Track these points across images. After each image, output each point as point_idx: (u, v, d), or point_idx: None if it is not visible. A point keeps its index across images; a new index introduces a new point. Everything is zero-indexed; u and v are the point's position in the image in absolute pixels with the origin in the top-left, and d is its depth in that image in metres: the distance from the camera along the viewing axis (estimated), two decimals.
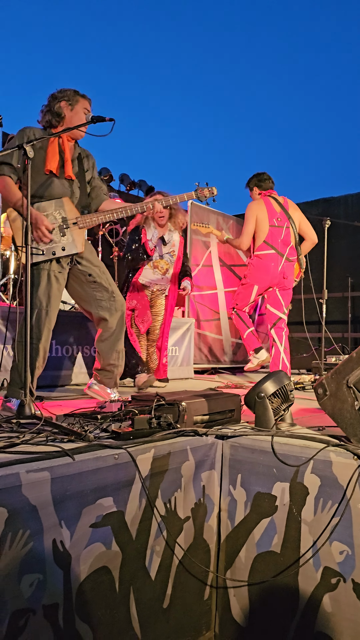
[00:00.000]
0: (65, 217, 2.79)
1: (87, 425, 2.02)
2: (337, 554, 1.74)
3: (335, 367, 1.99)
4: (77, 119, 2.82)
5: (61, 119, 2.83)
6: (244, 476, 2.01)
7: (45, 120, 2.84)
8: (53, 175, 2.79)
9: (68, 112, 2.82)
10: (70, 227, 2.80)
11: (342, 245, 7.88)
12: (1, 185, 2.67)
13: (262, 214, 4.39)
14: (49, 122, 2.84)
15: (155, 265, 4.21)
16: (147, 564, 1.81)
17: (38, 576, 1.46)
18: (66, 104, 2.82)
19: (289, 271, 4.44)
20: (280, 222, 4.42)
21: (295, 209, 4.58)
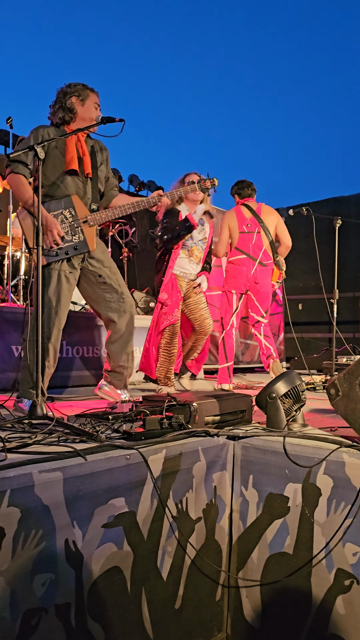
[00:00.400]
0: (75, 216, 2.79)
1: (98, 425, 2.02)
2: (351, 555, 1.73)
3: (348, 367, 1.97)
4: (88, 115, 2.82)
5: (74, 114, 2.82)
6: (255, 477, 2.01)
7: (58, 117, 2.83)
8: (72, 173, 2.80)
9: (80, 108, 2.82)
10: (81, 225, 2.80)
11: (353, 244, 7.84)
12: (15, 183, 2.68)
13: (233, 223, 4.58)
14: (62, 118, 2.82)
15: (191, 252, 4.00)
16: (159, 564, 1.81)
17: (50, 576, 1.47)
18: (77, 99, 2.82)
19: (262, 275, 4.50)
20: (251, 227, 4.55)
21: (269, 214, 4.71)
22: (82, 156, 2.85)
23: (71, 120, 2.83)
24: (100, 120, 2.47)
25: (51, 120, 2.87)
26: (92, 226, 2.83)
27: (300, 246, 7.87)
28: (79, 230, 2.80)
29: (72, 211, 2.79)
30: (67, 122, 2.83)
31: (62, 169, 2.78)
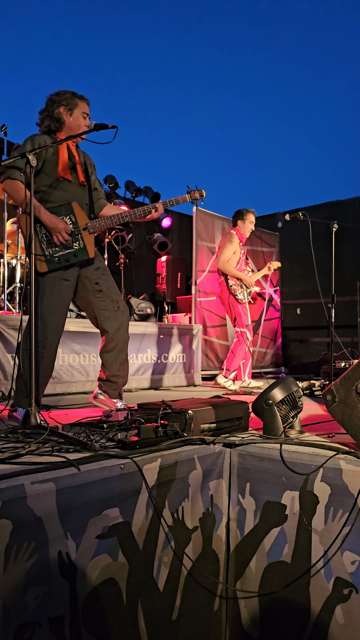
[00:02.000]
0: (75, 222, 2.79)
1: (93, 434, 2.00)
2: (349, 564, 1.70)
3: (344, 373, 1.96)
4: (76, 125, 2.83)
5: (61, 124, 2.83)
6: (252, 485, 1.98)
7: (45, 125, 2.85)
8: (66, 180, 2.80)
9: (67, 118, 2.83)
10: (81, 232, 2.80)
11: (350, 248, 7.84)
12: (11, 188, 2.67)
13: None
14: (49, 127, 2.84)
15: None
16: (155, 575, 1.78)
17: (44, 588, 1.44)
18: (65, 109, 2.82)
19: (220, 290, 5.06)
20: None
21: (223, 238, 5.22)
22: (75, 164, 2.85)
23: (57, 130, 2.84)
24: (93, 127, 2.46)
25: (39, 127, 2.87)
26: (92, 233, 2.84)
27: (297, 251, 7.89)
28: (79, 238, 2.80)
29: (73, 218, 2.79)
30: (54, 131, 2.84)
31: (57, 175, 2.78)
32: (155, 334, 5.20)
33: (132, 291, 7.55)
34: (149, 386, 5.06)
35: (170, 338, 5.37)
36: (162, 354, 5.25)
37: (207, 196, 3.17)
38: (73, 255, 2.77)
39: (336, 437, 2.17)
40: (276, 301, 7.69)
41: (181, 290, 7.90)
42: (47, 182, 2.76)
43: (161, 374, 5.22)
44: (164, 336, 5.30)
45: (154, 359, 5.16)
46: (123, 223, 3.03)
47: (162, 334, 5.27)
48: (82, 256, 2.80)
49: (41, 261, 2.70)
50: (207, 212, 6.63)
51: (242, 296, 4.89)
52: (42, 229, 2.71)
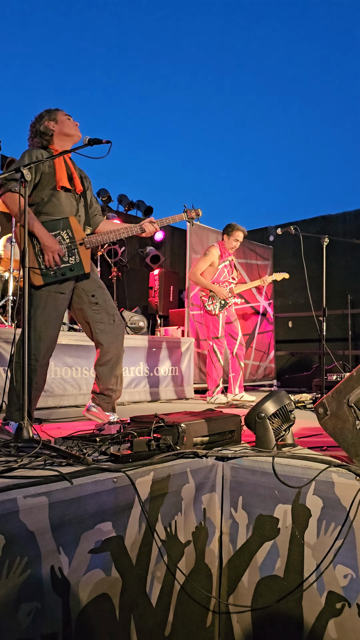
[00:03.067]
0: (72, 237, 2.81)
1: (85, 448, 2.00)
2: (342, 577, 1.70)
3: (336, 386, 1.97)
4: (66, 127, 2.90)
5: (51, 136, 2.89)
6: (245, 498, 1.98)
7: (35, 142, 2.91)
8: (64, 190, 2.83)
9: (54, 126, 2.90)
10: (77, 247, 2.82)
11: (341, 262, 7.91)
12: (10, 201, 2.69)
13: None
14: (40, 142, 2.90)
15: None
16: (148, 590, 1.77)
17: (36, 604, 1.43)
18: (48, 121, 2.90)
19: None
20: None
21: None
22: (72, 174, 2.89)
23: (50, 142, 2.89)
24: (87, 142, 2.49)
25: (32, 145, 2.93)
26: (88, 249, 2.86)
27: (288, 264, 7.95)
28: (76, 252, 2.81)
29: (70, 232, 2.81)
30: (45, 145, 2.88)
31: (54, 186, 2.81)
32: (147, 347, 5.21)
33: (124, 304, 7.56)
34: (142, 399, 5.05)
35: (162, 351, 5.38)
36: (154, 367, 5.26)
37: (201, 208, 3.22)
38: (69, 270, 2.79)
39: (328, 450, 2.18)
40: (270, 314, 7.73)
41: (173, 303, 7.92)
42: (44, 194, 2.78)
43: (154, 387, 5.22)
44: (156, 349, 5.30)
45: (146, 372, 5.16)
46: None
47: (154, 347, 5.28)
48: (78, 270, 2.82)
49: (36, 274, 2.71)
50: (201, 225, 6.68)
51: (211, 307, 4.94)
52: (39, 243, 2.72)
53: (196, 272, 5.00)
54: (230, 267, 5.15)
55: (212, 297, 4.94)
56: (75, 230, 2.81)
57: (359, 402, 1.87)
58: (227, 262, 5.10)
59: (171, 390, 5.43)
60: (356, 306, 7.67)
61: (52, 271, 2.74)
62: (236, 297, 5.13)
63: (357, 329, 7.76)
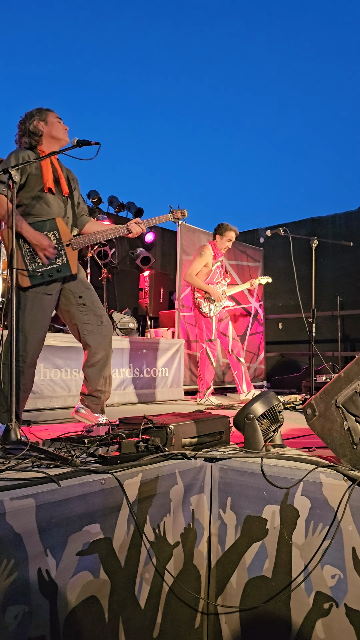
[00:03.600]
0: (59, 238, 2.80)
1: (73, 449, 1.99)
2: (329, 578, 1.71)
3: (324, 387, 1.98)
4: (55, 129, 2.89)
5: (40, 136, 2.88)
6: (233, 499, 1.99)
7: (24, 142, 2.89)
8: (50, 192, 2.82)
9: (44, 127, 2.89)
10: (64, 248, 2.82)
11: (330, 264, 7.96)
12: None
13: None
14: (29, 143, 2.88)
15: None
16: (137, 592, 1.77)
17: (23, 607, 1.42)
18: (38, 121, 2.88)
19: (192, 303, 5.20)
20: None
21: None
22: (58, 177, 2.88)
23: (38, 143, 2.88)
24: (76, 143, 2.49)
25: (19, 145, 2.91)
26: (75, 249, 2.85)
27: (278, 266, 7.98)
28: (63, 253, 2.81)
29: (57, 234, 2.80)
30: (34, 146, 2.87)
31: (42, 188, 2.80)
32: (137, 348, 5.20)
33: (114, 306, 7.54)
34: (131, 401, 5.04)
35: (152, 353, 5.38)
36: (144, 369, 5.25)
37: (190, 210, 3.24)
38: (56, 271, 2.78)
39: (316, 450, 2.19)
40: (260, 316, 7.75)
41: (164, 305, 7.92)
42: (30, 195, 2.78)
43: (143, 389, 5.21)
44: (146, 351, 5.30)
45: (136, 374, 5.15)
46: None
47: (144, 348, 5.27)
48: (65, 272, 2.82)
49: (24, 276, 2.70)
50: (191, 227, 6.68)
51: (206, 309, 4.91)
52: (26, 243, 2.71)
53: (192, 272, 4.96)
54: (222, 269, 5.14)
55: (207, 299, 4.92)
56: (62, 232, 2.81)
57: (347, 403, 1.87)
58: (219, 263, 5.09)
59: (161, 391, 5.42)
60: (345, 308, 7.72)
61: (39, 272, 2.73)
62: (228, 300, 5.12)
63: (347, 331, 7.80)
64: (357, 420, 1.86)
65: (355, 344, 7.78)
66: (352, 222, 7.99)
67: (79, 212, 3.07)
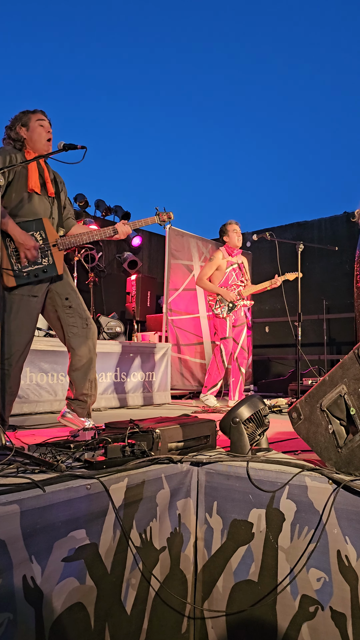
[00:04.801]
0: (45, 239, 2.80)
1: (59, 455, 1.98)
2: (315, 581, 1.72)
3: (309, 390, 2.00)
4: (36, 135, 2.88)
5: (22, 142, 2.89)
6: (219, 503, 1.99)
7: (8, 143, 2.91)
8: (35, 193, 2.82)
9: (25, 133, 2.89)
10: (51, 249, 2.81)
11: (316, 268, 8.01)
12: None
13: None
14: (13, 146, 2.89)
15: None
16: (123, 598, 1.76)
17: (8, 615, 1.41)
18: (20, 127, 2.89)
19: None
20: None
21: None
22: (45, 178, 2.89)
23: (23, 147, 2.89)
24: (62, 147, 2.48)
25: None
26: (61, 250, 2.85)
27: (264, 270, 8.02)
28: (49, 254, 2.80)
29: (43, 234, 2.80)
30: (19, 149, 2.87)
31: (27, 189, 2.80)
32: (124, 352, 5.19)
33: (101, 310, 7.52)
34: (118, 405, 5.03)
35: (139, 356, 5.37)
36: (131, 373, 5.24)
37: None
38: (42, 271, 2.78)
39: (302, 454, 2.20)
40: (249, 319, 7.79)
41: (151, 308, 7.91)
42: (17, 195, 2.77)
43: (130, 393, 5.20)
44: (133, 355, 5.29)
45: (123, 378, 5.14)
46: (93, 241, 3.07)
47: (131, 352, 5.26)
48: (51, 272, 2.81)
49: (9, 275, 2.69)
50: (180, 230, 6.69)
51: (219, 311, 4.95)
52: (12, 243, 2.70)
53: (202, 277, 5.04)
54: (239, 270, 5.11)
55: (219, 301, 4.95)
56: (48, 232, 2.81)
57: (332, 407, 1.89)
58: (235, 265, 5.07)
59: (148, 395, 5.41)
60: (331, 311, 7.77)
61: (25, 272, 2.72)
62: (245, 300, 5.09)
63: (333, 334, 7.86)
64: (341, 423, 1.87)
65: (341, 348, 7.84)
66: (337, 227, 8.06)
67: (65, 215, 3.07)
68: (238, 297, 4.98)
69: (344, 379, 1.85)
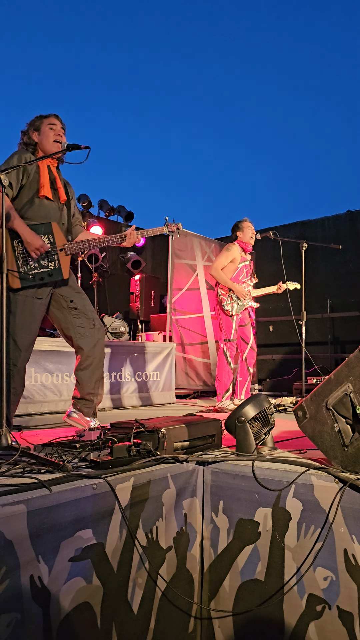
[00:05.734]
0: (53, 242, 2.81)
1: (65, 454, 1.98)
2: (322, 580, 1.72)
3: (315, 389, 1.99)
4: (45, 139, 2.89)
5: (34, 146, 2.92)
6: (225, 502, 1.99)
7: (23, 147, 2.94)
8: (46, 199, 2.83)
9: (37, 137, 2.91)
10: (58, 253, 2.82)
11: (320, 267, 8.00)
12: None
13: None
14: (26, 149, 2.93)
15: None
16: (130, 597, 1.76)
17: (16, 615, 1.41)
18: (33, 131, 2.92)
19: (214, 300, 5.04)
20: None
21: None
22: (57, 186, 2.90)
23: (35, 152, 2.92)
24: (66, 147, 2.49)
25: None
26: (68, 255, 2.87)
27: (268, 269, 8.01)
28: (55, 258, 2.82)
29: (51, 238, 2.81)
30: (32, 152, 2.91)
31: (38, 193, 2.82)
32: (129, 352, 5.19)
33: (105, 310, 7.53)
34: (123, 405, 5.03)
35: (144, 356, 5.37)
36: (136, 373, 5.25)
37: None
38: (47, 275, 2.79)
39: (307, 453, 2.20)
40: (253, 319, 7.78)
41: (155, 308, 7.91)
42: (28, 200, 2.79)
43: (135, 392, 5.21)
44: (137, 354, 5.29)
45: (128, 378, 5.15)
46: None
47: (135, 352, 5.27)
48: (57, 276, 2.82)
49: (14, 277, 2.71)
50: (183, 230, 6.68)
51: (229, 307, 4.70)
52: (20, 245, 2.72)
53: (218, 267, 4.74)
54: (249, 268, 4.97)
55: (231, 297, 4.71)
56: (56, 236, 2.82)
57: (337, 405, 1.88)
58: (247, 262, 4.91)
59: (152, 395, 5.42)
60: (335, 310, 7.76)
61: (30, 275, 2.73)
62: (252, 300, 4.92)
63: (337, 333, 7.84)
64: (347, 422, 1.87)
65: (345, 346, 7.82)
66: (341, 226, 8.04)
67: (73, 221, 3.09)
68: (248, 295, 4.84)
69: (350, 377, 1.84)
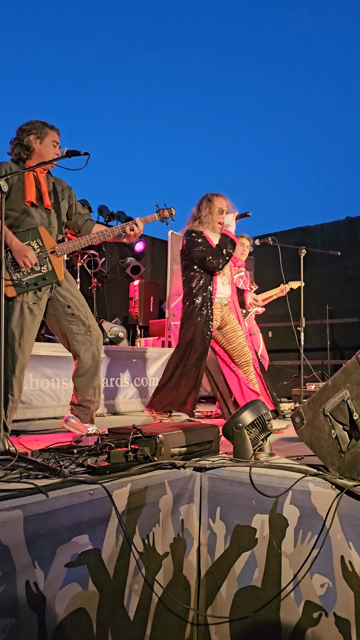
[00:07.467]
0: (43, 247, 2.80)
1: (62, 460, 1.98)
2: (318, 586, 1.71)
3: (312, 395, 1.99)
4: (46, 152, 2.86)
5: (30, 152, 2.86)
6: (223, 509, 1.99)
7: (15, 153, 2.88)
8: (32, 206, 2.82)
9: (37, 146, 2.86)
10: (49, 255, 2.82)
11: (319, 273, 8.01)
12: None
13: None
14: (18, 154, 2.86)
15: (224, 273, 3.56)
16: (126, 603, 1.76)
17: (11, 621, 1.41)
18: (34, 137, 2.86)
19: None
20: None
21: None
22: (41, 192, 2.87)
23: (27, 158, 2.87)
24: (65, 153, 2.50)
25: (10, 156, 2.90)
26: (60, 256, 2.85)
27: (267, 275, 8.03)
28: (47, 261, 2.81)
29: (40, 242, 2.80)
30: (24, 159, 2.86)
31: (24, 201, 2.80)
32: (127, 358, 5.19)
33: (104, 315, 7.53)
34: (121, 410, 5.03)
35: (142, 362, 5.37)
36: (134, 378, 5.24)
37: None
38: (42, 279, 2.78)
39: (305, 459, 2.20)
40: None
41: (154, 314, 7.92)
42: (13, 207, 2.78)
43: (134, 398, 5.20)
44: (136, 360, 5.29)
45: (126, 383, 5.14)
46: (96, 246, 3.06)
47: (134, 358, 5.27)
48: (51, 279, 2.82)
49: (9, 286, 2.71)
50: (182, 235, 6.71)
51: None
52: (9, 253, 2.72)
53: None
54: (247, 278, 5.00)
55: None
56: (45, 239, 2.81)
57: (335, 412, 1.89)
58: (242, 272, 4.91)
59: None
60: (334, 316, 7.77)
61: (24, 281, 2.73)
62: (257, 306, 4.89)
63: (336, 339, 7.85)
64: (344, 428, 1.87)
65: (344, 353, 7.83)
66: (340, 232, 8.07)
67: (82, 217, 3.07)
68: (254, 302, 4.83)
69: (347, 383, 1.85)
